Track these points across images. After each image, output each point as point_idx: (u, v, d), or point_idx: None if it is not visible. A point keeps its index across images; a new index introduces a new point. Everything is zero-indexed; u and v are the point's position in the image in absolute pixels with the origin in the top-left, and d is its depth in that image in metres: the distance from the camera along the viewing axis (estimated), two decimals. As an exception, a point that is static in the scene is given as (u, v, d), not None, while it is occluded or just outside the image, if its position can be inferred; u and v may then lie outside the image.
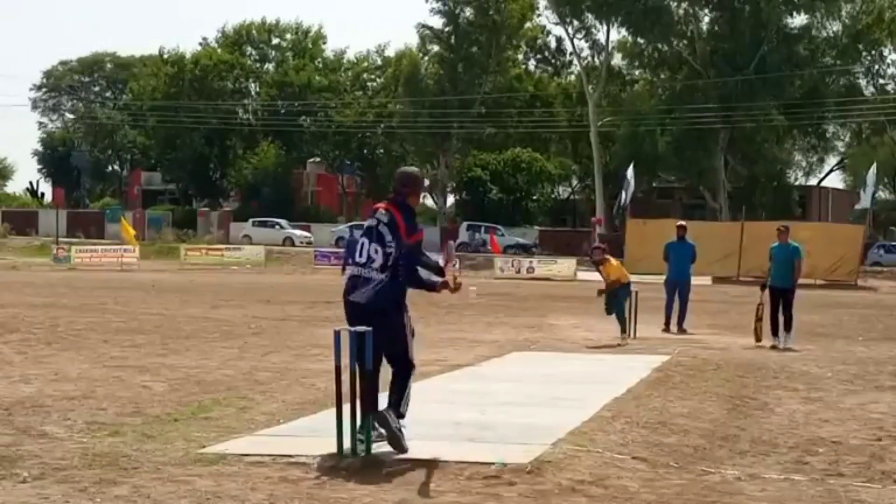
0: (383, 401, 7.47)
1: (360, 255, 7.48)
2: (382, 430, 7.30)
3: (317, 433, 7.94)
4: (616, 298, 17.04)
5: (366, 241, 7.48)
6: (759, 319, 16.33)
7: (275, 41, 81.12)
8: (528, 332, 13.57)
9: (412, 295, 7.63)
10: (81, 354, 13.35)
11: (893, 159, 69.72)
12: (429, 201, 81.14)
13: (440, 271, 7.84)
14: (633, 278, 18.05)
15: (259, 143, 73.47)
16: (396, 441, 7.27)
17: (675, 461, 7.43)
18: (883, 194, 74.55)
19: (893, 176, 75.37)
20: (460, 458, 7.13)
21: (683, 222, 20.68)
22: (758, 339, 16.15)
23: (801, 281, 17.00)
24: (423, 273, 7.72)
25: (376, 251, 7.44)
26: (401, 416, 7.43)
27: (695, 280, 21.06)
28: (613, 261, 17.90)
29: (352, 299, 7.45)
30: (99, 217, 70.64)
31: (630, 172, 50.87)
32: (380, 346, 7.27)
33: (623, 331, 16.85)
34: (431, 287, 7.74)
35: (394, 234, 7.44)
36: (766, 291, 16.30)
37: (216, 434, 8.05)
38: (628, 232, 48.64)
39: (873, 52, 65.54)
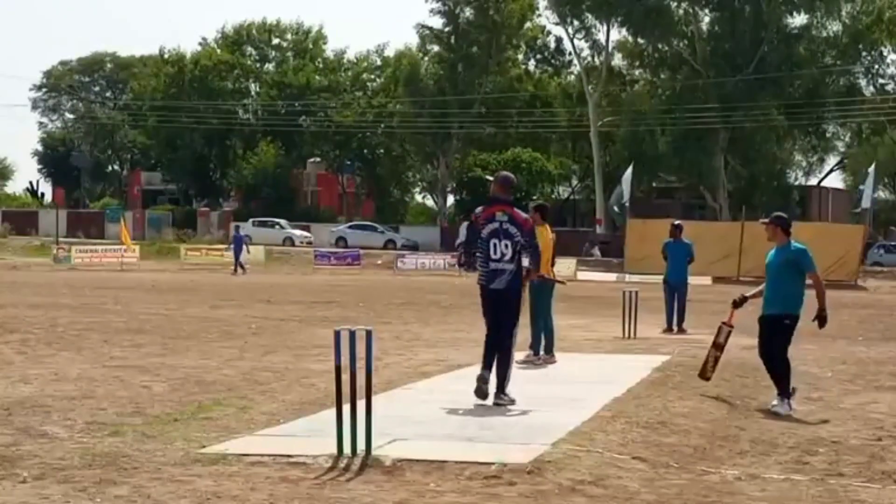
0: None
1: (495, 253, 9.43)
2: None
3: (317, 433, 7.94)
4: (539, 298, 13.22)
5: (496, 240, 9.42)
6: (717, 346, 11.10)
7: (275, 41, 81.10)
8: (528, 332, 13.56)
9: (413, 295, 7.67)
10: (81, 354, 13.35)
11: (893, 159, 69.70)
12: (429, 201, 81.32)
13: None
14: (632, 278, 17.33)
15: (259, 143, 73.47)
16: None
17: (675, 461, 7.43)
18: (883, 194, 74.53)
19: (893, 176, 75.34)
20: (460, 458, 7.13)
21: (678, 221, 20.50)
22: (705, 375, 11.08)
23: None
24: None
25: (506, 246, 9.42)
26: (504, 389, 9.53)
27: (695, 280, 21.05)
28: (545, 234, 13.00)
29: (493, 287, 9.45)
30: (99, 217, 70.60)
31: (628, 172, 50.91)
32: (502, 321, 9.47)
33: (534, 350, 13.16)
34: (537, 266, 9.99)
35: (518, 227, 9.51)
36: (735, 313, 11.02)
37: (216, 434, 8.05)
38: (628, 232, 48.67)
39: (873, 52, 65.53)
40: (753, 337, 17.99)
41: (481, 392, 9.43)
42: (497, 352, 9.54)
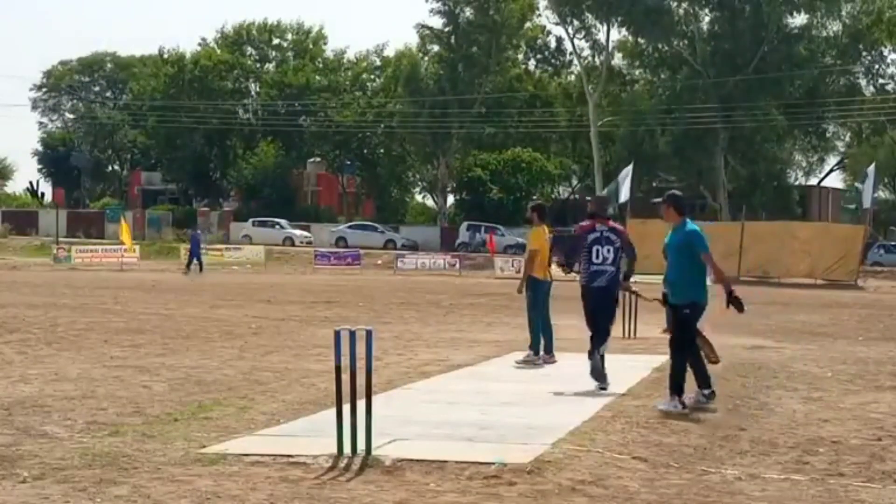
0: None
1: (598, 257, 10.88)
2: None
3: (317, 433, 7.95)
4: (535, 299, 13.22)
5: (598, 247, 10.88)
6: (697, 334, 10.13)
7: (275, 41, 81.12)
8: (527, 332, 13.56)
9: (413, 295, 7.65)
10: (81, 354, 13.35)
11: (893, 159, 69.69)
12: (429, 201, 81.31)
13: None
14: (632, 278, 17.10)
15: (259, 143, 73.48)
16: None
17: (675, 461, 7.43)
18: (883, 194, 74.54)
19: (893, 176, 75.33)
20: (460, 458, 7.13)
21: None
22: (710, 360, 10.51)
23: (801, 280, 14.33)
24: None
25: (608, 251, 10.91)
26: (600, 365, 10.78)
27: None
28: (542, 234, 13.27)
29: (595, 285, 10.90)
30: (99, 217, 70.60)
31: (627, 170, 50.85)
32: (602, 317, 11.02)
33: (534, 350, 13.17)
34: (629, 275, 11.40)
35: (618, 235, 11.09)
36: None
37: (216, 434, 8.05)
38: (628, 232, 48.58)
39: (873, 52, 65.55)
40: (754, 337, 18.05)
41: (600, 375, 10.83)
42: (596, 338, 11.02)
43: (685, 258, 9.73)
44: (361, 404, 7.27)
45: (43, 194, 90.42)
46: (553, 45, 75.74)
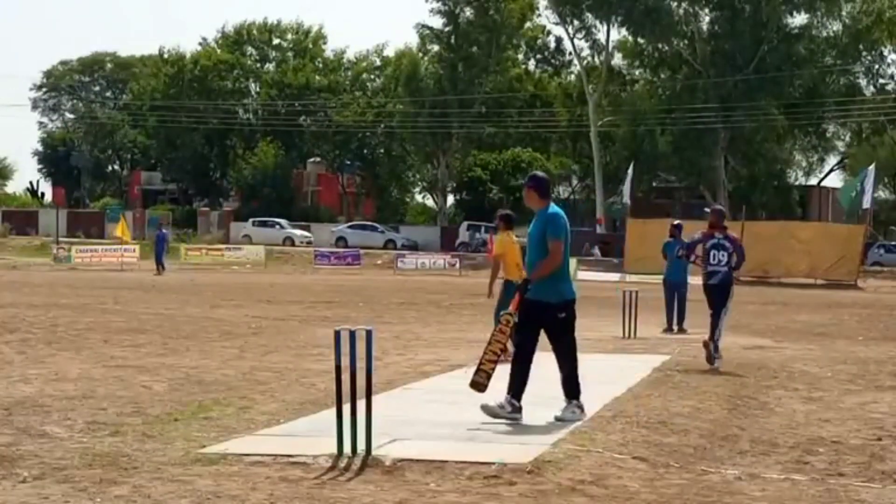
0: None
1: (714, 260, 13.20)
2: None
3: (317, 433, 7.94)
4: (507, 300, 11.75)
5: (715, 251, 13.18)
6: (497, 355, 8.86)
7: (275, 41, 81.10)
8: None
9: (413, 295, 7.63)
10: (81, 354, 13.35)
11: (893, 159, 69.69)
12: (429, 201, 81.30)
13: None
14: (632, 278, 17.18)
15: (259, 143, 73.48)
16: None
17: (675, 461, 7.43)
18: (883, 194, 74.54)
19: (893, 176, 75.30)
20: (460, 458, 7.13)
21: (678, 221, 20.48)
22: (479, 384, 8.88)
23: (801, 280, 14.65)
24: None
25: (723, 255, 13.16)
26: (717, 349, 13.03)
27: (695, 280, 21.01)
28: (506, 240, 13.52)
29: (711, 283, 13.22)
30: (99, 217, 70.62)
31: (630, 171, 50.99)
32: (716, 304, 13.18)
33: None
34: (738, 266, 13.54)
35: (731, 243, 13.30)
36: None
37: (216, 434, 8.05)
38: (628, 232, 48.65)
39: (873, 52, 65.55)
40: (754, 337, 18.05)
41: (710, 358, 12.90)
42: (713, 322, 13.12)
43: (546, 248, 8.59)
44: (361, 404, 7.26)
45: (43, 194, 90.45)
46: (553, 45, 75.81)
